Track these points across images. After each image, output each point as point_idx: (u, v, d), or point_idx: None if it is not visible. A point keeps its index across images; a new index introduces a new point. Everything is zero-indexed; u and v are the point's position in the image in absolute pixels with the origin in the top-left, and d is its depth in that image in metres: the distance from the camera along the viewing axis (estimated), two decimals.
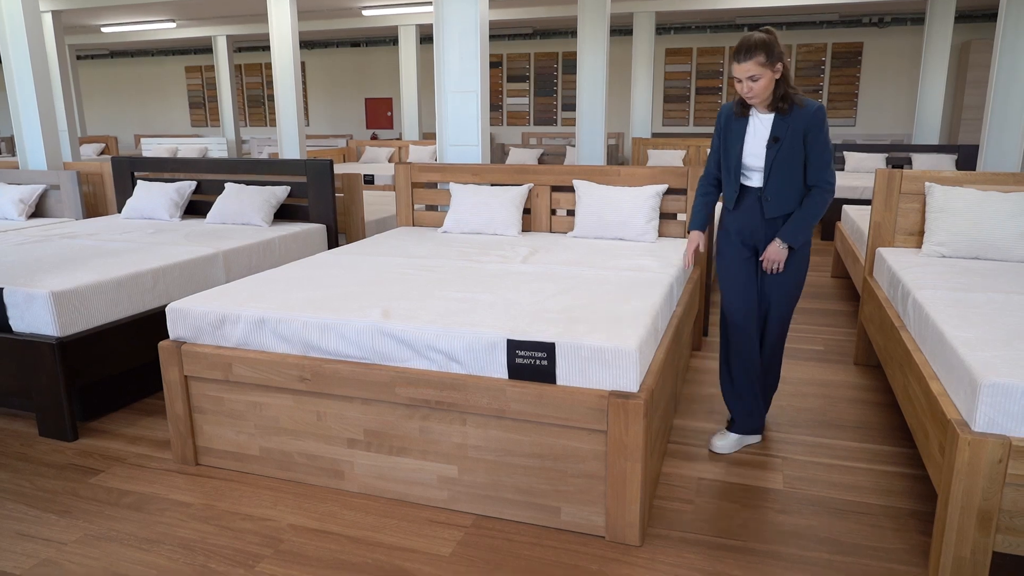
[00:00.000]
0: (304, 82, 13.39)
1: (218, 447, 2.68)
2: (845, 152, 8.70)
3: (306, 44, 13.15)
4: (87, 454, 2.84)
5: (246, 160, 4.85)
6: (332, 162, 4.58)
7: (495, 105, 12.59)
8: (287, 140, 6.89)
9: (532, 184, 4.15)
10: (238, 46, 13.50)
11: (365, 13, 9.86)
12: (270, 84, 13.82)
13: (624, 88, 11.26)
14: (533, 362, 2.19)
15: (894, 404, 3.23)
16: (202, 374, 2.60)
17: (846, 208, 5.37)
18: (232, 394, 2.60)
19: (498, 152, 11.73)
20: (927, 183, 3.46)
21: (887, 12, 10.08)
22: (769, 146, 2.54)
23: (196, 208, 4.98)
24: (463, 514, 2.36)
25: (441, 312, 2.46)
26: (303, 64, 13.33)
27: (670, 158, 9.18)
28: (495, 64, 12.34)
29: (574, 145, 9.22)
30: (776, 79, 2.46)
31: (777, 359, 2.85)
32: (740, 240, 2.71)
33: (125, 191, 5.13)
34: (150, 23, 10.73)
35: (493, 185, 4.25)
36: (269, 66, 13.49)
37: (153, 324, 3.29)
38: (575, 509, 2.24)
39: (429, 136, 11.46)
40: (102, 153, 11.92)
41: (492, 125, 12.67)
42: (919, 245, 3.56)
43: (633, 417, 2.08)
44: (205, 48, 13.63)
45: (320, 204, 4.63)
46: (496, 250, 3.57)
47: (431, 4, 6.45)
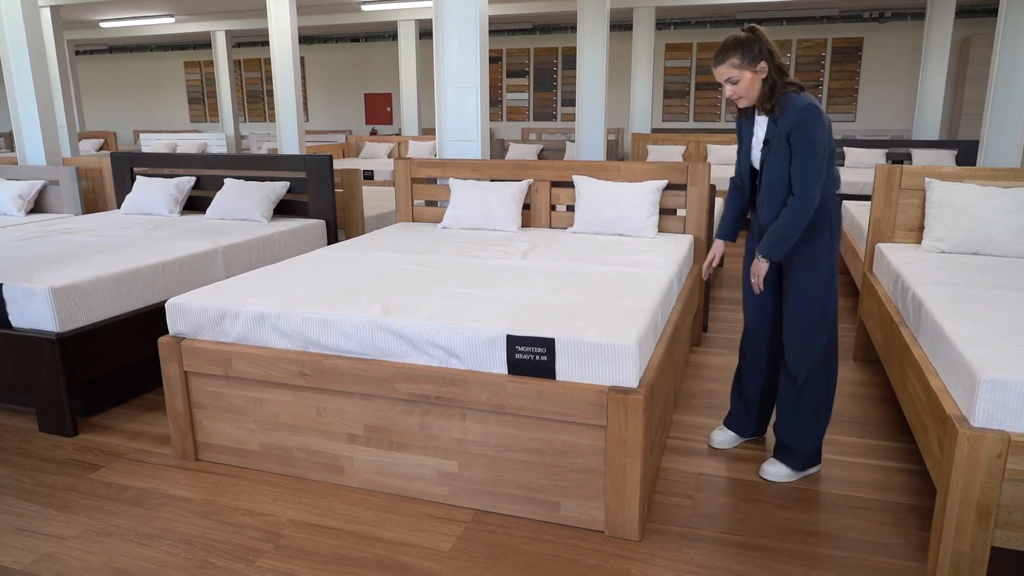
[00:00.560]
0: (303, 77, 13.37)
1: (218, 442, 2.69)
2: (845, 148, 8.69)
3: (305, 39, 13.13)
4: (87, 449, 2.85)
5: (245, 156, 4.85)
6: (331, 157, 4.57)
7: (495, 100, 12.57)
8: (286, 135, 6.87)
9: (532, 179, 4.14)
10: (237, 41, 13.47)
11: (364, 8, 9.84)
12: (269, 79, 13.80)
13: (624, 83, 11.23)
14: (533, 357, 2.19)
15: (893, 399, 3.24)
16: (202, 370, 2.60)
17: (846, 204, 5.35)
18: (232, 389, 2.60)
19: (498, 147, 11.71)
20: (927, 179, 3.46)
21: (887, 7, 10.06)
22: (762, 150, 2.47)
23: (195, 204, 4.98)
24: (463, 509, 2.37)
25: (441, 308, 2.46)
26: (302, 59, 13.30)
27: (670, 154, 9.17)
28: (495, 59, 12.32)
29: (574, 140, 9.19)
30: (762, 79, 2.34)
31: (793, 379, 2.51)
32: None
33: (124, 187, 5.13)
34: (149, 18, 10.71)
35: (493, 180, 4.24)
36: (268, 61, 13.41)
37: (153, 320, 3.29)
38: (575, 504, 2.24)
39: (429, 131, 11.44)
40: (101, 149, 11.90)
41: (492, 120, 12.65)
42: (919, 241, 3.55)
43: (633, 412, 2.09)
44: (204, 43, 13.59)
45: (319, 200, 4.63)
46: (496, 246, 3.56)
47: None
